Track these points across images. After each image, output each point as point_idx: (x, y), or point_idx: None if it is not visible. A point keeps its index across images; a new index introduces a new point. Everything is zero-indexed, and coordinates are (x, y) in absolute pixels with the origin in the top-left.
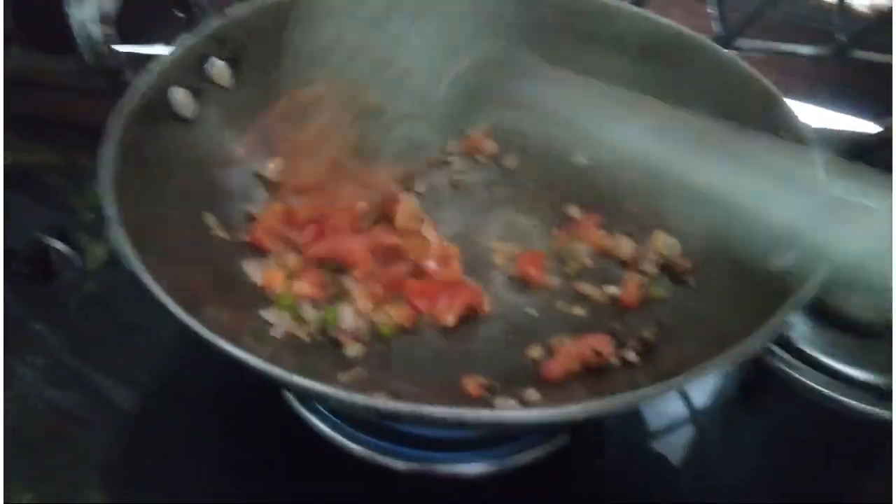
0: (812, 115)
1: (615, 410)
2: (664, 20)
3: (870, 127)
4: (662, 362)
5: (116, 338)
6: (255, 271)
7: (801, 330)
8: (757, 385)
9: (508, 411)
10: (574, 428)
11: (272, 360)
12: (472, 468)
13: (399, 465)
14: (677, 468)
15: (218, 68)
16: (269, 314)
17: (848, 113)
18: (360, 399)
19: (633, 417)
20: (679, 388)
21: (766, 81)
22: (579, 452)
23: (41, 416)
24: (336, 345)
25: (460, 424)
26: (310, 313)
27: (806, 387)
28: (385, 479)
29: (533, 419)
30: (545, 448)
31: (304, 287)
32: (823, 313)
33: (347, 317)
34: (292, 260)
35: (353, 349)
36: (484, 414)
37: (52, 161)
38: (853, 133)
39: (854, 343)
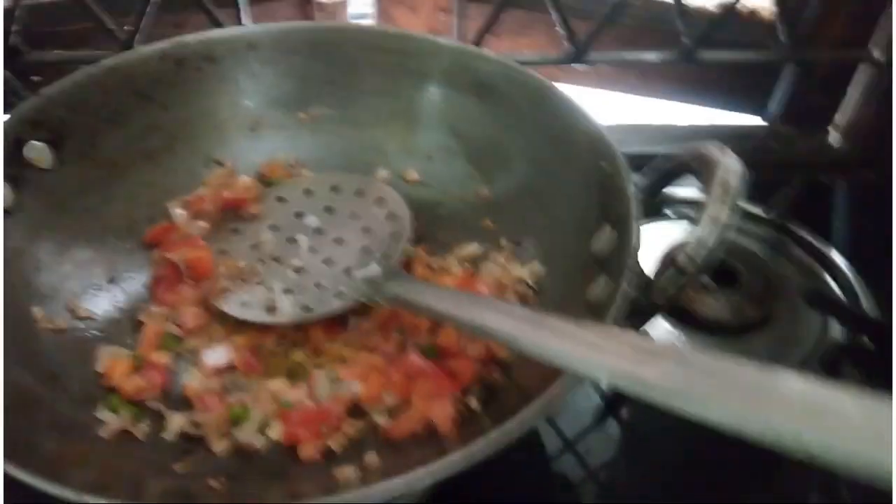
0: (676, 111)
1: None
2: (486, 53)
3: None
4: (506, 403)
5: None
6: (103, 357)
7: (660, 330)
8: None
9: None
10: None
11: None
12: None
13: None
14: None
15: (37, 151)
16: (102, 412)
17: (714, 107)
18: None
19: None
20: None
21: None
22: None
23: None
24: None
25: None
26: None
27: None
28: None
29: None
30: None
31: (140, 382)
32: (680, 314)
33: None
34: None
35: (220, 446)
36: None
37: None
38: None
39: (710, 341)
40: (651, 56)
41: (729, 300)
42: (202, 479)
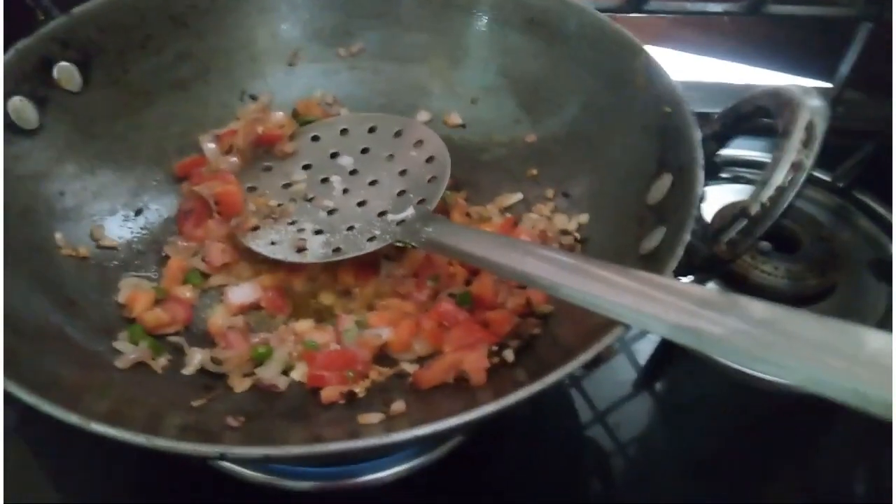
0: (735, 72)
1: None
2: None
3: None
4: (542, 357)
5: None
6: (125, 288)
7: None
8: (663, 362)
9: (348, 443)
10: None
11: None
12: (374, 477)
13: (302, 485)
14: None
15: (65, 71)
16: (121, 343)
17: (776, 69)
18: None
19: (534, 414)
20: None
21: (629, 37)
22: (477, 452)
23: None
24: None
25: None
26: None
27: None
28: (291, 501)
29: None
30: (440, 450)
31: (162, 315)
32: (732, 281)
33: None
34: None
35: (241, 385)
36: (328, 447)
37: None
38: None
39: None
40: (716, 6)
41: (788, 268)
42: (220, 416)
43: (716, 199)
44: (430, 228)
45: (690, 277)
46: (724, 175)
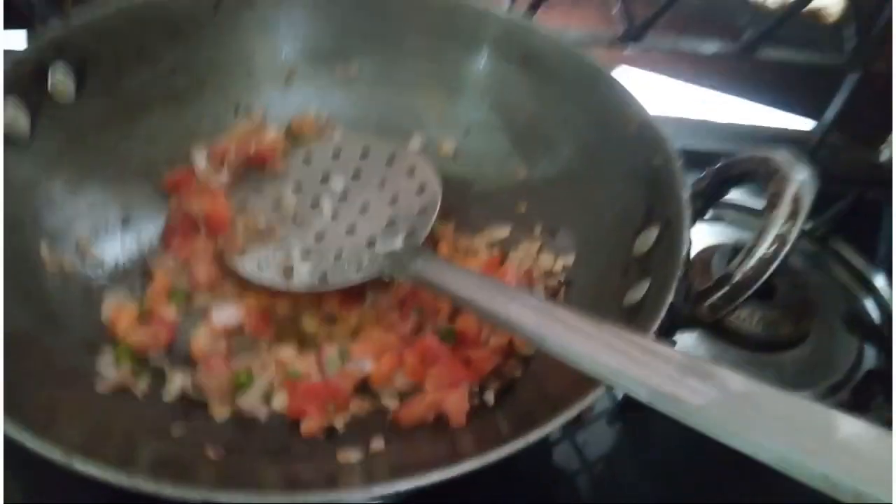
0: (730, 107)
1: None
2: (539, 27)
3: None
4: (523, 401)
5: None
6: (108, 305)
7: (686, 340)
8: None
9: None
10: None
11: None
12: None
13: None
14: None
15: (59, 78)
16: (102, 364)
17: (764, 104)
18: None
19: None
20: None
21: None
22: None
23: None
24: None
25: None
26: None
27: None
28: None
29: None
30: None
31: (144, 336)
32: (710, 326)
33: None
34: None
35: (222, 413)
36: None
37: None
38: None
39: (739, 355)
40: (709, 47)
41: (764, 314)
42: (199, 446)
43: (698, 239)
44: (418, 263)
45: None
46: (706, 217)
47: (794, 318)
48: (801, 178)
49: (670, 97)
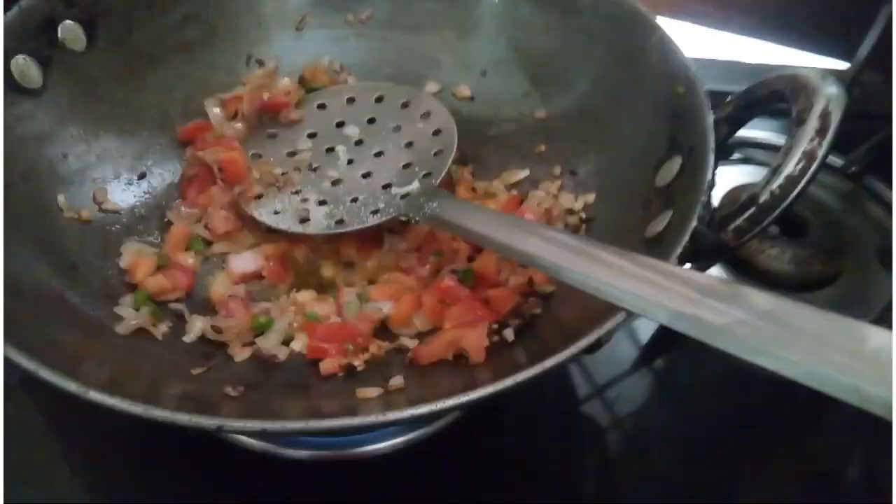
0: (751, 49)
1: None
2: None
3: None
4: (542, 337)
5: None
6: (127, 253)
7: None
8: (665, 341)
9: (344, 419)
10: None
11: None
12: (372, 449)
13: (300, 454)
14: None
15: (69, 30)
16: (122, 308)
17: (794, 47)
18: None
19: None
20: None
21: (645, 13)
22: (475, 426)
23: None
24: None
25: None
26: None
27: None
28: (289, 469)
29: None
30: (438, 424)
31: (164, 281)
32: (737, 264)
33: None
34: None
35: (241, 354)
36: (325, 423)
37: None
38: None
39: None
40: None
41: (795, 253)
42: (220, 385)
43: (725, 180)
44: (434, 204)
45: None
46: (734, 157)
47: (826, 257)
48: (830, 92)
49: (696, 42)
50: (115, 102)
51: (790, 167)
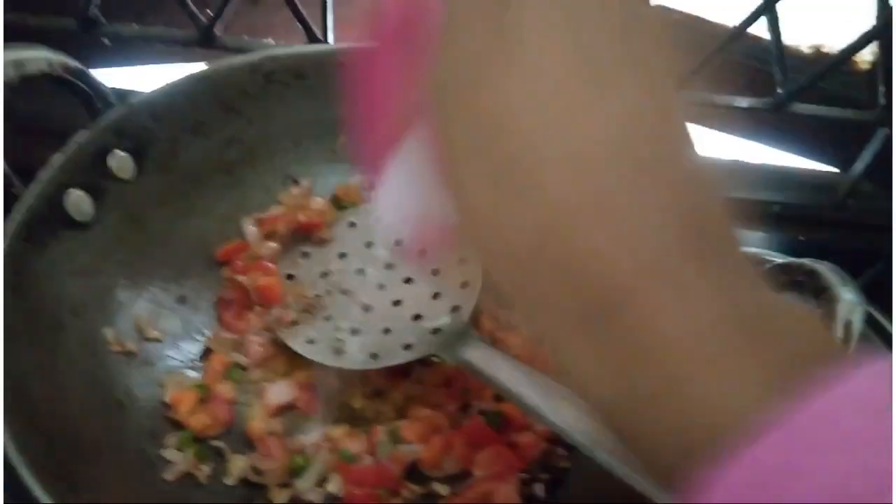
0: (758, 154)
1: None
2: None
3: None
4: (572, 491)
5: None
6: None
7: None
8: None
9: None
10: None
11: None
12: None
13: None
14: None
15: (119, 161)
16: (169, 451)
17: (791, 153)
18: None
19: None
20: None
21: None
22: None
23: None
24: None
25: None
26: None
27: None
28: None
29: None
30: None
31: (206, 418)
32: None
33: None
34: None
35: (280, 497)
36: None
37: None
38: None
39: None
40: (742, 102)
41: None
42: None
43: None
44: (467, 350)
45: None
46: None
47: None
48: (849, 300)
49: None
50: (159, 228)
51: None
